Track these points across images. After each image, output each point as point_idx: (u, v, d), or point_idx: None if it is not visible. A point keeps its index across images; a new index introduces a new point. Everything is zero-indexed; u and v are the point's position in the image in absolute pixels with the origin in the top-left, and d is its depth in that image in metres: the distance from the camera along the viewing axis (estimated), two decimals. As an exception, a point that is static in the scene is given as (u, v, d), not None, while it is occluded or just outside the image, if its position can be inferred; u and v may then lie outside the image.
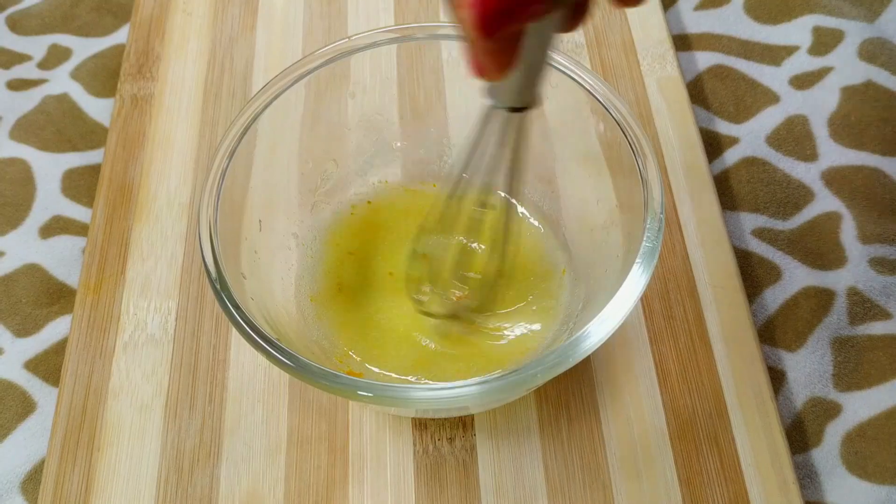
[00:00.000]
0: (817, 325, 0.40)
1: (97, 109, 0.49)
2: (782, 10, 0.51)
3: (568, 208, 0.37)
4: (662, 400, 0.36)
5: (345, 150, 0.38)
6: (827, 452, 0.37)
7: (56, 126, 0.48)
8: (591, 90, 0.32)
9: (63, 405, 0.37)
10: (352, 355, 0.35)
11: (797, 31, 0.50)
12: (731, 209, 0.44)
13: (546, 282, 0.36)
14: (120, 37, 0.52)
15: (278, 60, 0.48)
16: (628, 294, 0.27)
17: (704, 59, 0.50)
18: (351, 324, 0.35)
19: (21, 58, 0.51)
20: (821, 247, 0.42)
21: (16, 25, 0.52)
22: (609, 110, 0.31)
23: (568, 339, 0.27)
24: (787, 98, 0.47)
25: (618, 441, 0.35)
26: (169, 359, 0.38)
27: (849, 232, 0.42)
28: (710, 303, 0.39)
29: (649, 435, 0.35)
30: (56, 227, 0.44)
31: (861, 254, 0.42)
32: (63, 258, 0.43)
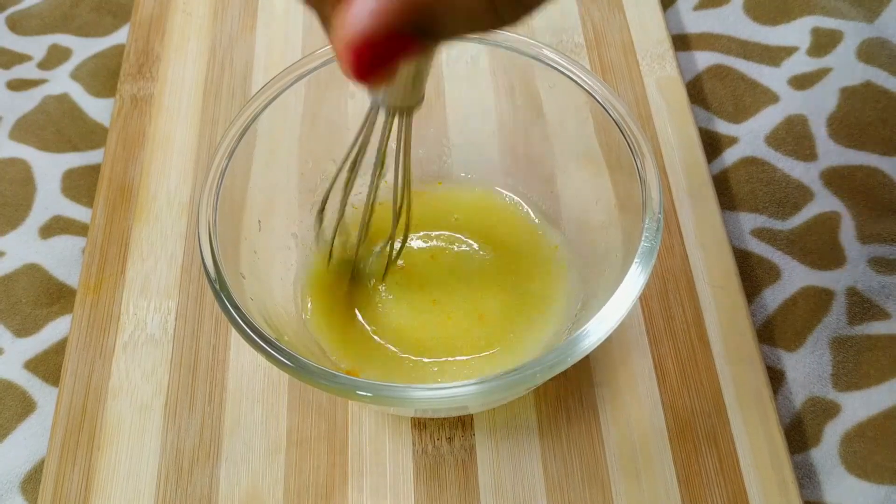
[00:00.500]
0: (816, 324, 0.40)
1: (97, 109, 0.49)
2: (782, 10, 0.51)
3: (567, 208, 0.37)
4: (661, 399, 0.36)
5: (345, 151, 0.38)
6: (826, 452, 0.37)
7: (56, 126, 0.48)
8: (589, 90, 0.32)
9: (63, 405, 0.37)
10: (349, 355, 0.35)
11: (796, 33, 0.50)
12: (730, 209, 0.44)
13: (545, 281, 0.36)
14: (120, 37, 0.52)
15: (278, 60, 0.48)
16: (627, 294, 0.27)
17: (704, 59, 0.50)
18: (349, 323, 0.35)
19: (21, 58, 0.51)
20: (820, 247, 0.42)
21: (16, 25, 0.52)
22: (608, 110, 0.31)
23: (567, 338, 0.27)
24: (786, 98, 0.47)
25: (617, 441, 0.35)
26: (169, 358, 0.38)
27: (848, 232, 0.42)
28: (709, 302, 0.39)
29: (648, 434, 0.35)
30: (56, 227, 0.44)
31: (860, 253, 0.42)
32: (63, 258, 0.43)
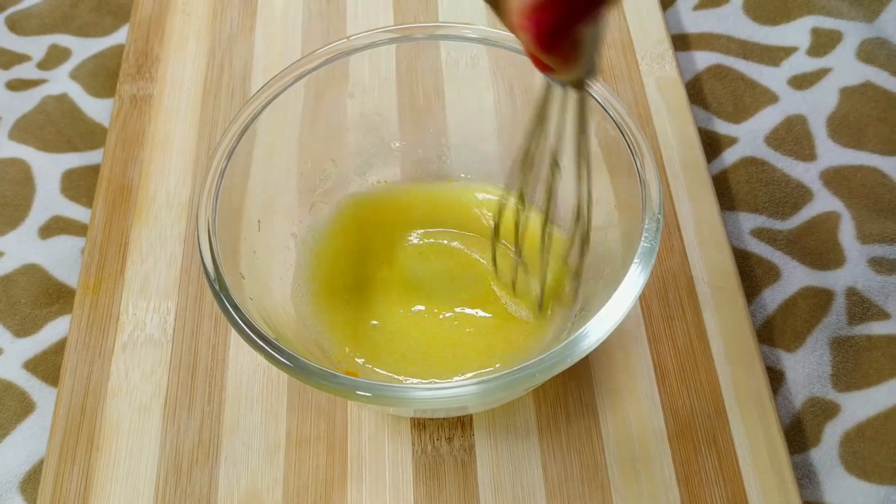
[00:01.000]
0: (816, 325, 0.40)
1: (96, 110, 0.49)
2: (781, 10, 0.51)
3: (567, 208, 0.37)
4: (661, 400, 0.36)
5: (344, 150, 0.38)
6: (825, 452, 0.37)
7: (55, 126, 0.48)
8: (589, 90, 0.32)
9: (62, 405, 0.37)
10: (349, 355, 0.35)
11: (796, 33, 0.50)
12: (729, 209, 0.44)
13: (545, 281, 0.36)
14: (119, 37, 0.52)
15: (277, 61, 0.48)
16: (626, 294, 0.27)
17: (703, 59, 0.50)
18: (348, 323, 0.35)
19: (21, 58, 0.51)
20: (819, 247, 0.42)
21: (15, 26, 0.52)
22: (607, 111, 0.31)
23: (566, 338, 0.27)
24: (785, 98, 0.47)
25: (616, 441, 0.35)
26: (168, 359, 0.38)
27: (847, 232, 0.42)
28: (708, 303, 0.39)
29: (648, 435, 0.35)
30: (55, 227, 0.44)
31: (860, 253, 0.42)
32: (62, 258, 0.43)
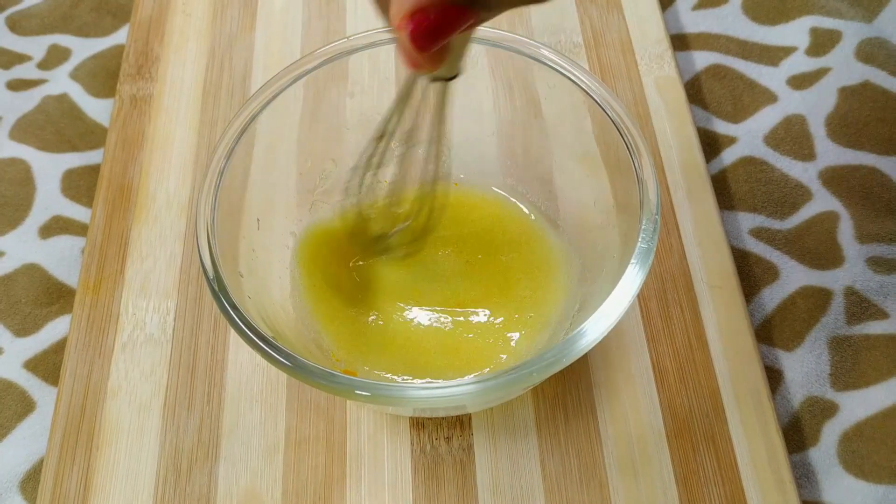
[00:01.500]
0: (815, 324, 0.40)
1: (97, 110, 0.49)
2: (780, 11, 0.51)
3: (566, 208, 0.37)
4: (659, 399, 0.36)
5: (344, 150, 0.38)
6: (824, 452, 0.37)
7: (56, 126, 0.48)
8: (587, 90, 0.32)
9: (62, 405, 0.37)
10: (348, 354, 0.35)
11: (795, 33, 0.50)
12: (728, 209, 0.44)
13: (543, 282, 0.36)
14: (119, 37, 0.52)
15: (277, 61, 0.48)
16: (623, 295, 0.27)
17: (702, 59, 0.50)
18: (346, 322, 0.36)
19: (21, 58, 0.51)
20: (818, 246, 0.42)
21: (15, 26, 0.52)
22: (606, 111, 0.31)
23: (563, 338, 0.27)
24: (784, 98, 0.48)
25: (615, 440, 0.35)
26: (167, 358, 0.38)
27: (846, 231, 0.42)
28: (707, 302, 0.39)
29: (646, 434, 0.35)
30: (56, 227, 0.44)
31: (858, 253, 0.42)
32: (62, 258, 0.43)
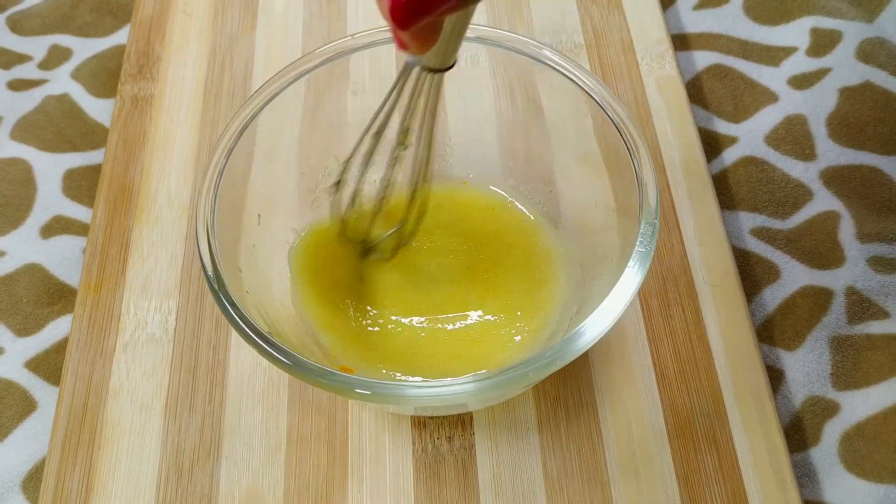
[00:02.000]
0: (816, 324, 0.40)
1: (97, 110, 0.49)
2: (781, 10, 0.51)
3: (566, 209, 0.38)
4: (661, 398, 0.36)
5: (346, 148, 0.38)
6: (825, 451, 0.37)
7: (56, 126, 0.48)
8: (588, 91, 0.32)
9: (64, 404, 0.37)
10: (346, 353, 0.35)
11: (796, 33, 0.50)
12: (729, 208, 0.44)
13: (542, 282, 0.36)
14: (120, 37, 0.52)
15: (278, 61, 0.48)
16: (621, 296, 0.28)
17: (703, 59, 0.50)
18: (346, 321, 0.36)
19: (21, 58, 0.51)
20: (819, 246, 0.42)
21: (16, 26, 0.52)
22: (606, 112, 0.31)
23: (563, 337, 0.27)
24: (785, 98, 0.48)
25: (616, 439, 0.35)
26: (169, 358, 0.38)
27: (847, 231, 0.42)
28: (708, 302, 0.39)
29: (647, 433, 0.35)
30: (57, 227, 0.44)
31: (859, 253, 0.42)
32: (64, 258, 0.43)
